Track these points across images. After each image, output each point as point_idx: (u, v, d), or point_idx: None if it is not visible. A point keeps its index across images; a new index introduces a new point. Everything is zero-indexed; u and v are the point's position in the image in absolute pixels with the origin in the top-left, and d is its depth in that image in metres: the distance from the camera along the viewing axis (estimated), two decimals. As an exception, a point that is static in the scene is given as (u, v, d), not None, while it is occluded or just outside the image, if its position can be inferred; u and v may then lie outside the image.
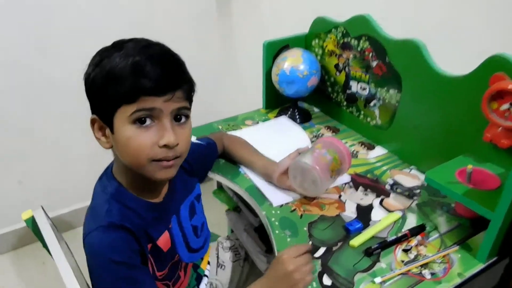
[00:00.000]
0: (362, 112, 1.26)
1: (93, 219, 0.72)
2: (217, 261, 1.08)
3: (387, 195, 1.03)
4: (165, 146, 0.67)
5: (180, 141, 0.68)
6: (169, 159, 0.69)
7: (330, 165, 0.95)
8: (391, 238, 0.88)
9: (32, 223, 0.81)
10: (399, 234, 0.88)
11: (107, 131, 0.69)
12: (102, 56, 0.67)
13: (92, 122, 0.71)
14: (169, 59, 0.68)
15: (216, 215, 1.53)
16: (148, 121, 0.66)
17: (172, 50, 0.71)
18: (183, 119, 0.70)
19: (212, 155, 1.07)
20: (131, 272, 0.68)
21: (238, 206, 1.24)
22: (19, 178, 1.74)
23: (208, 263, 0.98)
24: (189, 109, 0.71)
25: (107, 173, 0.77)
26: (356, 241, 0.87)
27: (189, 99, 0.72)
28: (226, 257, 1.10)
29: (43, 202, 0.99)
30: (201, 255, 0.91)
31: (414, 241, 0.87)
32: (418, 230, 0.90)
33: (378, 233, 0.90)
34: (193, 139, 1.00)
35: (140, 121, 0.65)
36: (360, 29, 1.16)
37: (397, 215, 0.95)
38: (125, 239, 0.69)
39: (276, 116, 1.40)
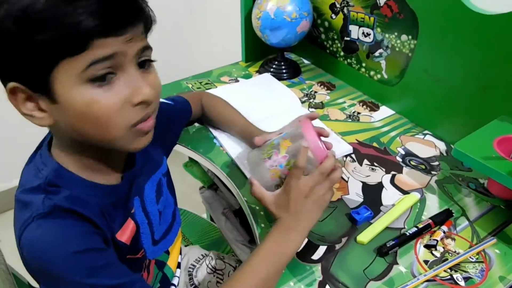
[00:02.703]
0: (363, 64, 1.03)
1: (26, 211, 0.49)
2: (189, 277, 0.83)
3: (400, 170, 0.82)
4: (141, 103, 0.49)
5: (154, 93, 0.51)
6: (146, 118, 0.51)
7: (279, 182, 0.65)
8: (409, 229, 0.68)
9: None
10: (420, 225, 0.69)
11: (42, 102, 0.47)
12: None
13: (12, 91, 0.46)
14: None
15: (190, 191, 1.32)
16: (109, 75, 0.47)
17: None
18: (147, 64, 0.51)
19: (183, 117, 0.82)
20: (104, 256, 0.49)
21: (214, 183, 1.02)
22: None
23: (179, 265, 0.76)
24: (152, 49, 0.52)
25: (42, 154, 0.54)
26: (366, 235, 0.67)
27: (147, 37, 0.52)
28: (204, 279, 0.83)
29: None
30: (164, 248, 0.70)
31: (440, 234, 0.67)
32: (443, 217, 0.71)
33: (393, 223, 0.70)
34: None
35: (99, 78, 0.46)
36: (364, -44, 0.91)
37: (415, 197, 0.75)
38: (77, 224, 0.49)
39: (258, 71, 1.15)
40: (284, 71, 1.13)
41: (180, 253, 0.76)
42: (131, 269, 0.57)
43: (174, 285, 0.73)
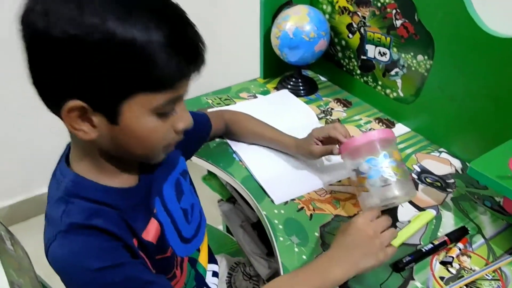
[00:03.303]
0: (380, 83, 1.05)
1: (50, 227, 0.54)
2: (227, 285, 0.86)
3: (415, 186, 0.83)
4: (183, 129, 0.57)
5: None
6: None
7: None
8: (425, 246, 0.69)
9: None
10: (436, 241, 0.70)
11: (98, 119, 0.50)
12: (102, 15, 0.44)
13: (71, 110, 0.48)
14: (189, 19, 0.51)
15: (207, 203, 1.34)
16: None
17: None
18: None
19: (201, 128, 0.85)
20: (122, 272, 0.51)
21: (232, 196, 1.05)
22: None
23: (210, 260, 0.79)
24: None
25: (61, 167, 0.57)
26: (382, 251, 0.69)
27: None
28: (242, 286, 0.87)
29: None
30: (195, 246, 0.72)
31: (455, 251, 0.69)
32: (459, 234, 0.72)
33: (408, 239, 0.72)
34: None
35: (165, 113, 0.53)
36: (381, -21, 0.94)
37: (430, 214, 0.76)
38: (97, 239, 0.51)
39: (276, 87, 1.18)
40: (301, 87, 1.16)
41: (216, 263, 0.79)
42: (162, 268, 0.60)
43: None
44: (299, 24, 1.02)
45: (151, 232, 0.59)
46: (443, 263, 0.68)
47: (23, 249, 0.86)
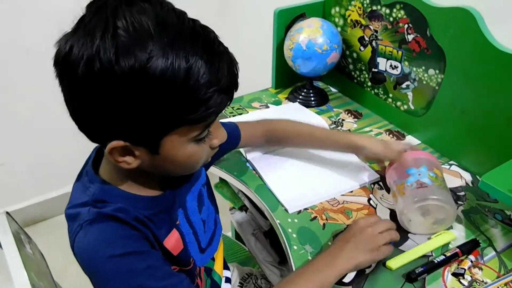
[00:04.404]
0: (390, 95, 1.07)
1: (74, 222, 0.55)
2: None
3: (427, 198, 0.85)
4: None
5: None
6: None
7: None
8: (437, 257, 0.71)
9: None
10: (448, 253, 0.71)
11: (139, 151, 0.53)
12: (146, 53, 0.44)
13: (113, 149, 0.51)
14: (227, 50, 0.53)
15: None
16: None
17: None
18: None
19: (230, 142, 0.82)
20: (145, 260, 0.53)
21: (244, 204, 1.06)
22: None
23: (225, 266, 0.80)
24: None
25: (88, 172, 0.59)
26: (395, 262, 0.70)
27: None
28: None
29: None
30: (210, 255, 0.73)
31: (467, 263, 0.70)
32: (470, 247, 0.73)
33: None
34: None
35: (202, 139, 0.55)
36: (394, -6, 0.96)
37: (452, 234, 0.77)
38: (120, 227, 0.53)
39: (287, 97, 1.20)
40: (312, 98, 1.18)
41: (228, 269, 0.80)
42: (185, 274, 0.62)
43: None
44: (312, 36, 1.04)
45: (170, 242, 0.61)
46: (455, 274, 0.69)
47: (40, 252, 0.88)
